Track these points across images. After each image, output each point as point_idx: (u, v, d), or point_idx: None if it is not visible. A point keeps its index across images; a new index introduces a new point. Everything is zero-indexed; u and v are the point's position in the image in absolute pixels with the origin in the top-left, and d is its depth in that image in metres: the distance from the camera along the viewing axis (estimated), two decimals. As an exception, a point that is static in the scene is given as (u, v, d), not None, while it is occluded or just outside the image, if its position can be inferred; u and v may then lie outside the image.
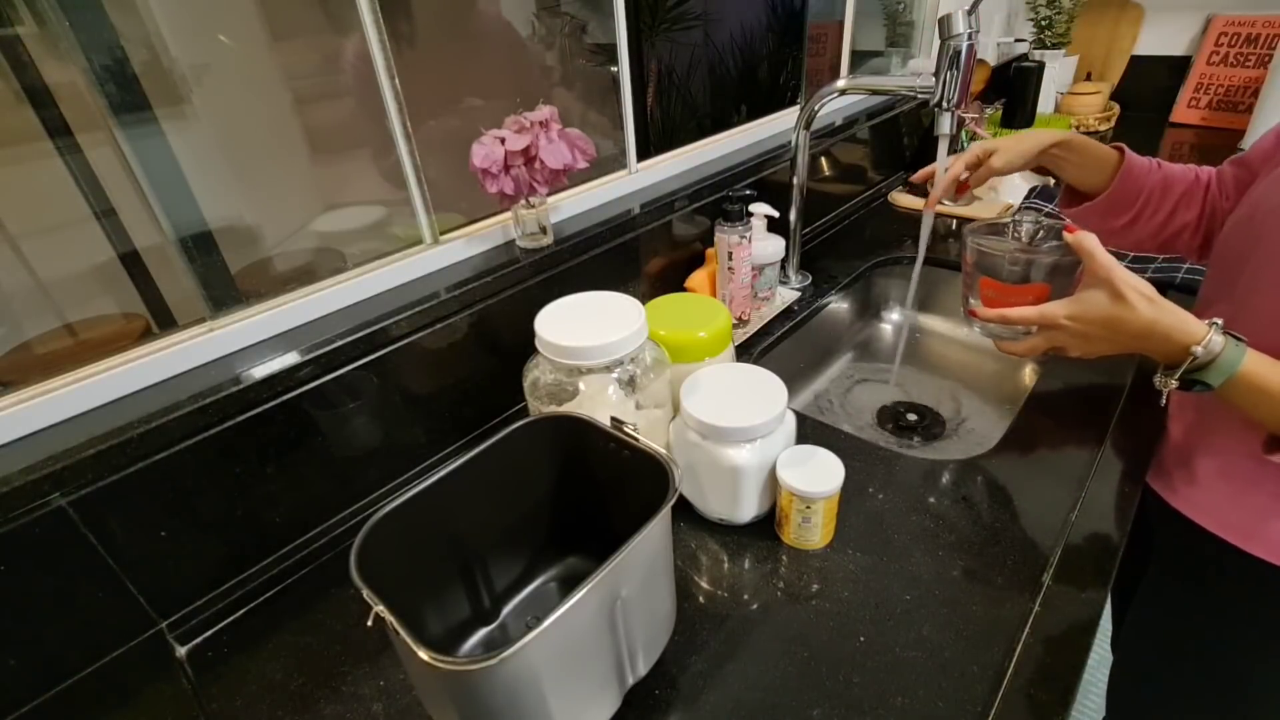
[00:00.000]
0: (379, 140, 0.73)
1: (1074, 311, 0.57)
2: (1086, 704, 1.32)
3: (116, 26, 0.60)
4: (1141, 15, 1.72)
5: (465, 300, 0.73)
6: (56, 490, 0.50)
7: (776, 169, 1.11)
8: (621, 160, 0.98)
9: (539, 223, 0.80)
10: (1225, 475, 0.64)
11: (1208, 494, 0.66)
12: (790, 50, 1.95)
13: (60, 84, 0.63)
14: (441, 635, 0.54)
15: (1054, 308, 0.58)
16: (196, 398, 0.57)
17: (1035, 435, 0.75)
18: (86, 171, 0.68)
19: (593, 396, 0.62)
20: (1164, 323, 0.53)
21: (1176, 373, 0.54)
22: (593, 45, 1.22)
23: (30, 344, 0.68)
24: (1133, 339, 0.55)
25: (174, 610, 0.60)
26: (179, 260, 0.65)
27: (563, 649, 0.40)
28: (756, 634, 0.55)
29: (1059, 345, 0.60)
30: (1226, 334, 0.53)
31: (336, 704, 0.52)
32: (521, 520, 0.57)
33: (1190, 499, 0.67)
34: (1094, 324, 0.56)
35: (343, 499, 0.70)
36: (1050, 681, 0.49)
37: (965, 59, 0.74)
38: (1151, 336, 0.54)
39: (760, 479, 0.62)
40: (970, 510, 0.65)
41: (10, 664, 0.51)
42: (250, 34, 0.79)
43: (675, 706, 0.50)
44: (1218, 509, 0.65)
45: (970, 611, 0.55)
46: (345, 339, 0.65)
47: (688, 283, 0.99)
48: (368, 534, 0.43)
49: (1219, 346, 0.52)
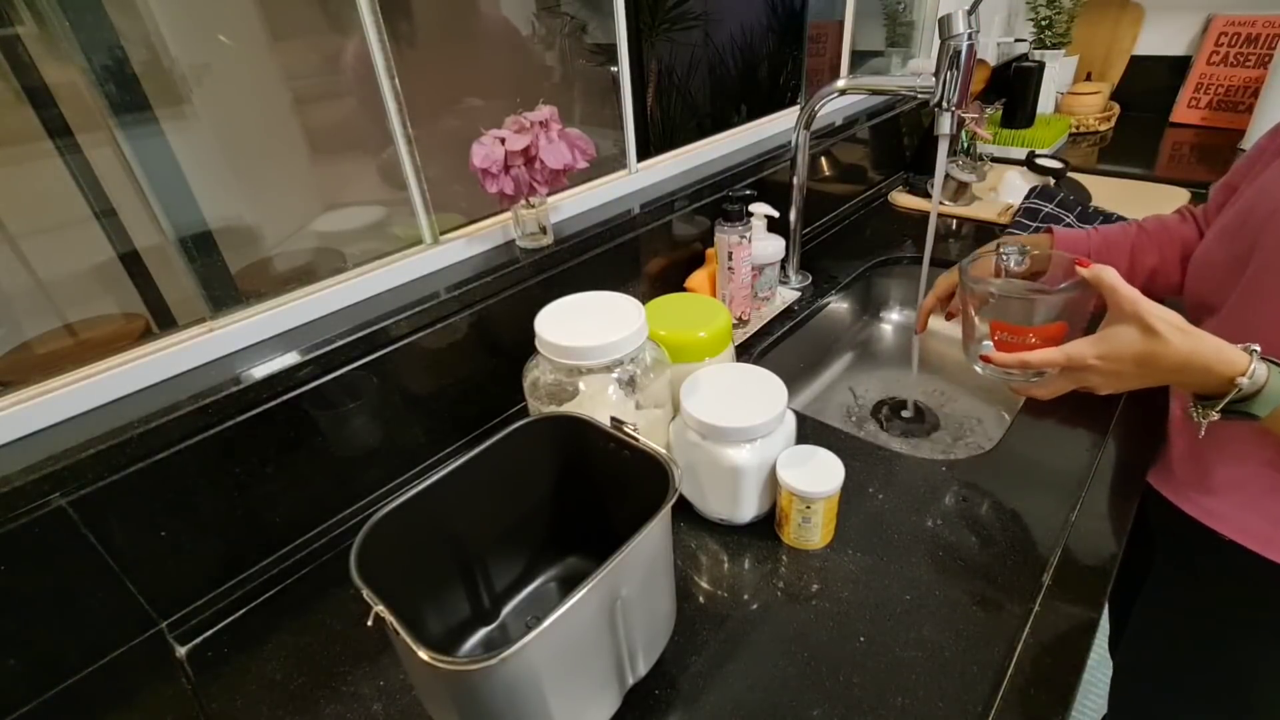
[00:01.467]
0: (379, 140, 0.73)
1: (1104, 351, 0.54)
2: (1086, 704, 1.32)
3: (116, 26, 0.60)
4: (1141, 15, 1.72)
5: (465, 300, 0.73)
6: (56, 490, 0.50)
7: (776, 169, 1.11)
8: (621, 160, 0.98)
9: (539, 223, 0.80)
10: (1242, 483, 0.63)
11: (1223, 501, 0.64)
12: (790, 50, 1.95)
13: (60, 84, 0.62)
14: (441, 635, 0.54)
15: (1080, 348, 0.55)
16: (196, 398, 0.57)
17: (1035, 435, 0.75)
18: (86, 171, 0.67)
19: (593, 396, 0.62)
20: (1202, 354, 0.51)
21: (1218, 404, 0.51)
22: (593, 45, 1.22)
23: (30, 344, 0.68)
24: (1169, 373, 0.53)
25: (174, 610, 0.60)
26: (179, 260, 0.65)
27: (563, 649, 0.40)
28: (756, 634, 0.55)
29: (1089, 386, 0.57)
30: (1267, 360, 0.51)
31: (336, 704, 0.52)
32: (521, 520, 0.57)
33: (1204, 506, 0.66)
34: (1126, 361, 0.53)
35: (343, 499, 0.70)
36: (1050, 681, 0.49)
37: (965, 59, 0.74)
38: (1189, 370, 0.52)
39: (760, 479, 0.62)
40: (970, 510, 0.65)
41: (10, 664, 0.51)
42: (250, 34, 0.79)
43: (675, 706, 0.50)
44: (1234, 515, 0.64)
45: (970, 611, 0.55)
46: (345, 339, 0.65)
47: (688, 283, 0.99)
48: (368, 534, 0.43)
49: (1264, 376, 0.50)
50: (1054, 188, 1.23)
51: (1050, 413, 0.78)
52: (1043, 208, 1.17)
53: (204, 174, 0.70)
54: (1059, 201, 1.16)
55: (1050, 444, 0.73)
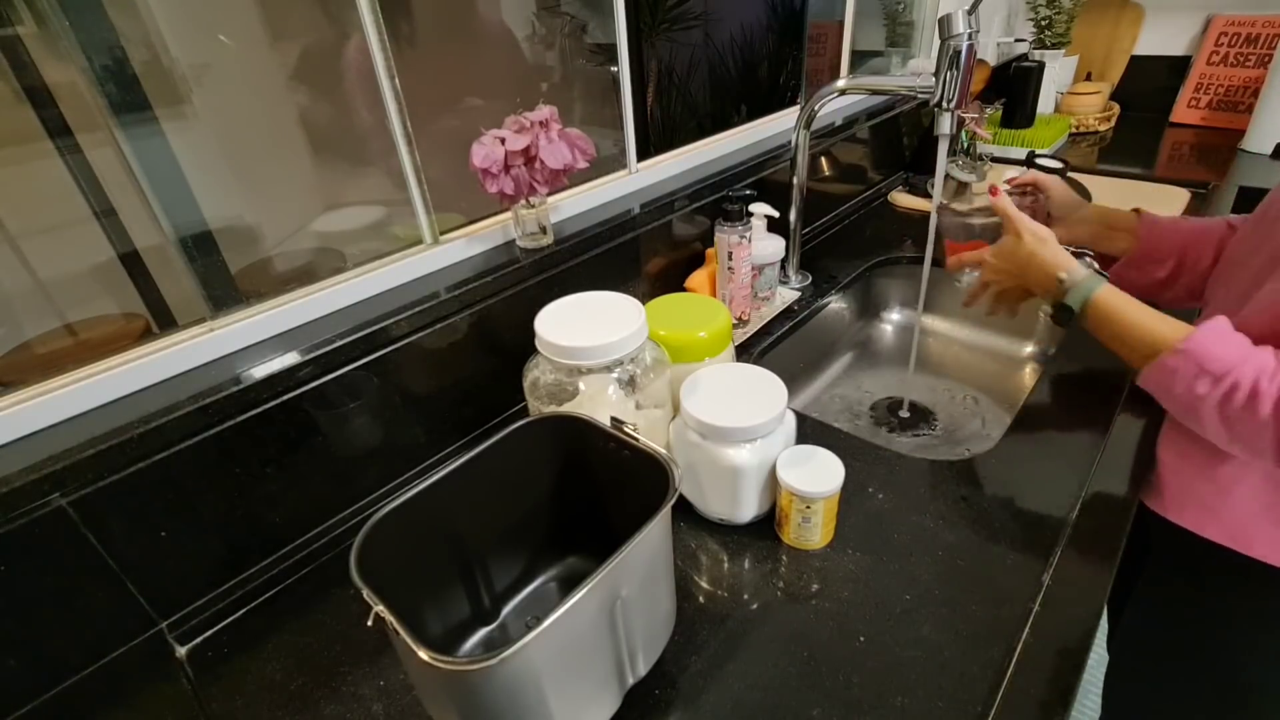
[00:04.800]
0: (379, 140, 0.73)
1: (994, 251, 0.75)
2: (1086, 704, 1.32)
3: (116, 26, 0.60)
4: (1141, 15, 1.72)
5: (465, 300, 0.73)
6: (56, 490, 0.50)
7: (776, 169, 1.11)
8: (621, 160, 0.98)
9: (539, 223, 0.80)
10: (1224, 490, 0.64)
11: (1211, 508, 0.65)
12: (790, 50, 1.95)
13: (60, 84, 0.63)
14: (441, 635, 0.54)
15: (984, 251, 0.76)
16: (196, 398, 0.56)
17: (1035, 435, 0.75)
18: (86, 171, 0.68)
19: (593, 396, 0.62)
20: (1042, 255, 0.68)
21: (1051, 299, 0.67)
22: (593, 45, 1.22)
23: (30, 344, 0.68)
24: (1025, 268, 0.70)
25: (174, 610, 0.60)
26: (179, 260, 0.65)
27: (563, 649, 0.40)
28: (756, 634, 0.55)
29: (988, 280, 0.76)
30: (1093, 270, 0.64)
31: (336, 704, 0.52)
32: (521, 520, 0.57)
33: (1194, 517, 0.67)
34: (1005, 259, 0.72)
35: (343, 499, 0.70)
36: (1050, 681, 0.49)
37: (965, 59, 0.74)
38: (1034, 266, 0.68)
39: (760, 479, 0.62)
40: (970, 510, 0.65)
41: (10, 664, 0.51)
42: (250, 34, 0.79)
43: (675, 706, 0.50)
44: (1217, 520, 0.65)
45: (970, 611, 0.55)
46: (345, 339, 0.65)
47: (688, 283, 0.99)
48: (368, 534, 0.43)
49: (1081, 275, 0.64)
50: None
51: (1050, 413, 0.78)
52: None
53: (204, 174, 0.70)
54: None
55: (1050, 444, 0.73)
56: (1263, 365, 0.51)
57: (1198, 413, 0.55)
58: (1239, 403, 0.51)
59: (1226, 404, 0.52)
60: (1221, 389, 0.52)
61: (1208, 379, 0.53)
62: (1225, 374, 0.52)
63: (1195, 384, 0.54)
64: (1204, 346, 0.54)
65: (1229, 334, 0.55)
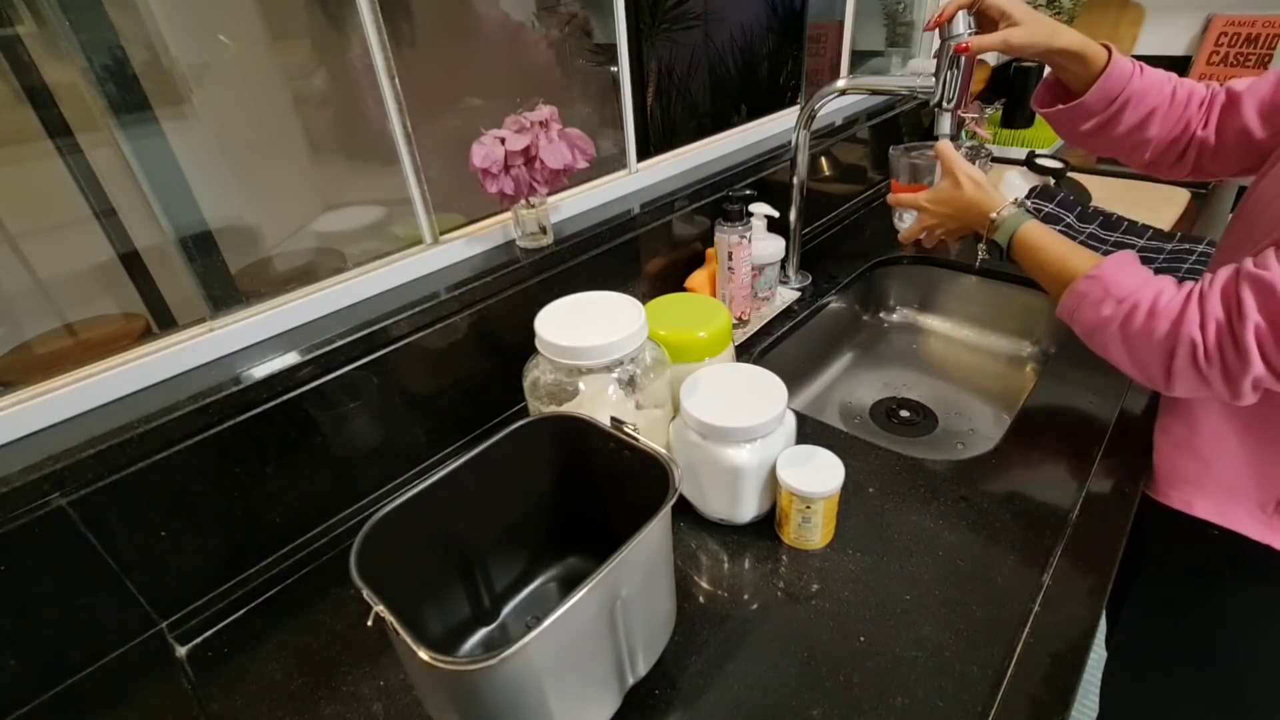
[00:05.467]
0: (379, 140, 0.73)
1: (930, 195, 0.76)
2: (1086, 704, 1.32)
3: (116, 26, 0.59)
4: (1141, 15, 1.72)
5: (465, 300, 0.73)
6: (56, 490, 0.50)
7: (776, 169, 1.11)
8: (621, 160, 0.98)
9: (539, 223, 0.80)
10: (1206, 463, 0.65)
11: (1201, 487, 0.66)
12: (790, 50, 1.95)
13: (60, 84, 0.62)
14: (441, 635, 0.54)
15: (921, 194, 0.77)
16: (196, 398, 0.57)
17: (1035, 436, 0.75)
18: (86, 171, 0.67)
19: (593, 396, 0.62)
20: (976, 197, 0.71)
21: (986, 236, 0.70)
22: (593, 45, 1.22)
23: (30, 344, 0.68)
24: (961, 211, 0.72)
25: (174, 610, 0.60)
26: (179, 260, 0.65)
27: (563, 649, 0.40)
28: (756, 634, 0.55)
29: (926, 224, 0.78)
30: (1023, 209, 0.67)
31: (336, 704, 0.52)
32: (521, 520, 0.57)
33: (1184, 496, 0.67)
34: (941, 203, 0.74)
35: (343, 499, 0.70)
36: (1050, 681, 0.49)
37: (965, 59, 0.74)
38: (970, 209, 0.71)
39: (760, 479, 0.62)
40: (970, 510, 0.65)
41: (10, 664, 0.51)
42: (250, 34, 0.79)
43: (675, 706, 0.50)
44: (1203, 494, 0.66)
45: (970, 611, 0.55)
46: (345, 339, 0.65)
47: (688, 283, 0.99)
48: (368, 534, 0.43)
49: (1008, 214, 0.68)
50: (1054, 188, 1.23)
51: (1050, 413, 0.78)
52: (1043, 208, 1.17)
53: (204, 174, 0.70)
54: (1059, 201, 1.16)
55: (1050, 444, 0.73)
56: (1162, 288, 0.55)
57: (1103, 335, 0.58)
58: (1138, 323, 0.55)
59: (1128, 324, 0.56)
60: (1123, 309, 0.56)
61: (1111, 301, 0.57)
62: (1127, 297, 0.56)
63: (1101, 306, 0.57)
64: (1111, 273, 0.58)
65: (1135, 264, 0.59)
